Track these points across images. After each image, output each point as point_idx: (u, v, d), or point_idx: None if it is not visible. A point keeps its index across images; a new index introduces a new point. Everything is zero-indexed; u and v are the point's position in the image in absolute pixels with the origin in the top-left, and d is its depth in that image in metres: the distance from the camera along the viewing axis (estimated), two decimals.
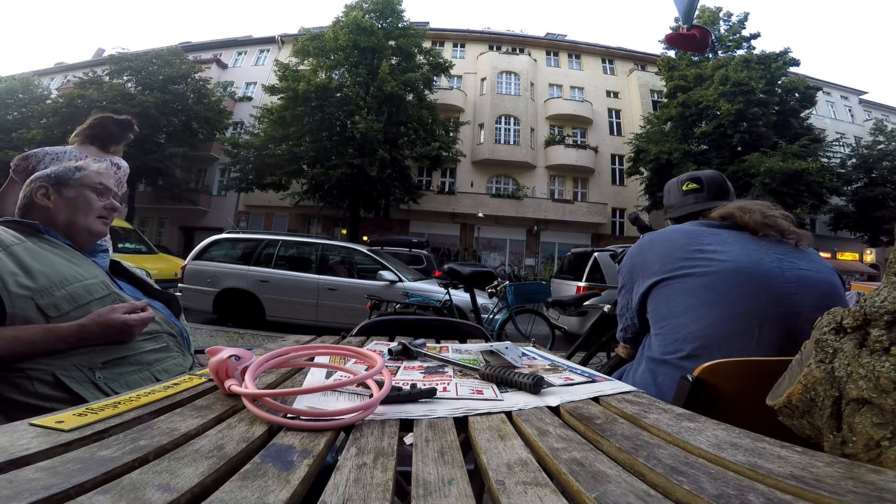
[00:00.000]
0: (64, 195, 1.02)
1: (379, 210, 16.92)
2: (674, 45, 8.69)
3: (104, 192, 1.08)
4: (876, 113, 22.00)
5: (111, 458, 0.33)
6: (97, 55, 22.61)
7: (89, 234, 1.05)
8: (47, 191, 1.02)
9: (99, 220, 1.06)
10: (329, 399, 0.53)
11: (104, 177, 1.09)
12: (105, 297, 0.93)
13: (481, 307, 4.00)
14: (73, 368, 0.82)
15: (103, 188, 1.08)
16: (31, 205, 1.02)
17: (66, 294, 0.88)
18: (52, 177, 1.03)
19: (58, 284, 0.88)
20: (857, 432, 0.50)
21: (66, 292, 0.88)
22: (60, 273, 0.91)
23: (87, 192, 1.05)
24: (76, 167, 1.06)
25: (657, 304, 0.95)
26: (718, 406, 0.72)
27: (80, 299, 0.89)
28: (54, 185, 1.02)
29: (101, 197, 1.07)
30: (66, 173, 1.05)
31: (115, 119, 1.86)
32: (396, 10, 15.50)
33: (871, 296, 0.54)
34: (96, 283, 0.95)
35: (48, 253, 0.92)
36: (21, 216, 1.02)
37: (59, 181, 1.03)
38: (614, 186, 19.88)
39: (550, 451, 0.39)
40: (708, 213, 1.04)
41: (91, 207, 1.05)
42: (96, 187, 1.06)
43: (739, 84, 14.05)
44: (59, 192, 1.02)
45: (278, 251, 5.35)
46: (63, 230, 1.02)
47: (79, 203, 1.03)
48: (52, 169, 1.05)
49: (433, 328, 1.27)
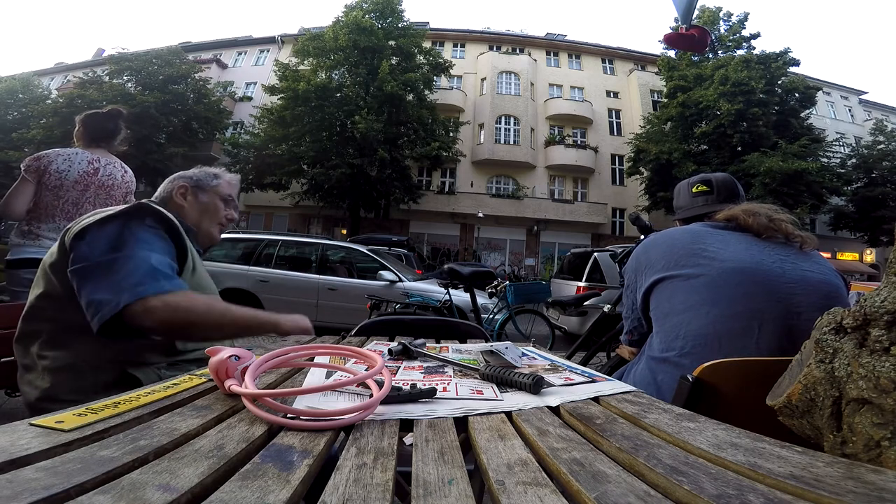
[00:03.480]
0: (199, 198, 1.09)
1: (379, 210, 16.91)
2: (673, 45, 8.68)
3: (230, 203, 1.15)
4: (876, 113, 21.99)
5: (111, 458, 0.33)
6: (97, 55, 22.63)
7: (209, 238, 1.12)
8: (186, 191, 1.09)
9: (219, 228, 1.13)
10: (329, 399, 0.53)
11: (233, 188, 1.16)
12: None
13: (481, 307, 4.00)
14: (144, 366, 0.88)
15: (230, 199, 1.15)
16: (169, 199, 1.08)
17: None
18: (194, 179, 1.10)
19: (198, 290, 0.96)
20: (857, 432, 0.50)
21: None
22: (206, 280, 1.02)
23: (218, 201, 1.12)
24: (214, 174, 1.14)
25: (659, 302, 0.95)
26: (718, 406, 0.72)
27: None
28: (193, 186, 1.10)
29: (226, 207, 1.14)
30: (206, 179, 1.12)
31: (102, 114, 1.87)
32: (396, 10, 15.51)
33: (871, 296, 0.54)
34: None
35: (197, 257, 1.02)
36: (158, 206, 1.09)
37: (198, 185, 1.10)
38: (614, 186, 19.88)
39: (550, 451, 0.39)
40: (714, 215, 1.04)
41: (217, 215, 1.12)
42: (225, 198, 1.14)
43: (739, 84, 14.06)
44: (195, 194, 1.09)
45: (278, 251, 5.34)
46: (188, 230, 1.07)
47: (209, 208, 1.10)
48: (194, 171, 1.13)
49: (433, 328, 1.27)
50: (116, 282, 0.78)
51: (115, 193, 1.88)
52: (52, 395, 0.84)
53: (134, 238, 0.84)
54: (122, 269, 0.80)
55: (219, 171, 1.16)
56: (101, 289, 0.78)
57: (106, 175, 1.84)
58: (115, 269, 0.80)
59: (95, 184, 1.81)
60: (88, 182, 1.79)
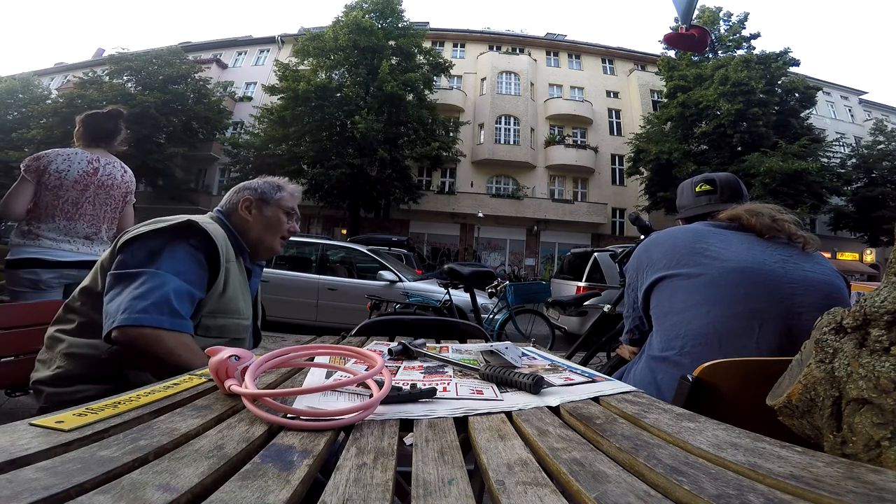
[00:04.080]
0: (263, 212, 1.09)
1: (379, 210, 16.91)
2: (673, 45, 8.69)
3: (292, 215, 1.14)
4: (876, 113, 21.99)
5: (111, 458, 0.33)
6: (97, 55, 22.63)
7: (271, 252, 1.12)
8: (251, 204, 1.09)
9: (280, 241, 1.12)
10: (329, 399, 0.53)
11: (296, 200, 1.16)
12: (240, 339, 1.02)
13: (481, 307, 4.00)
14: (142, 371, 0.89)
15: (293, 212, 1.14)
16: (234, 211, 1.09)
17: (223, 324, 0.97)
18: (258, 192, 1.10)
19: (225, 313, 0.97)
20: (857, 432, 0.50)
21: (225, 322, 0.97)
22: (236, 304, 1.00)
23: (281, 214, 1.11)
24: (278, 186, 1.13)
25: (660, 301, 0.95)
26: (718, 406, 0.72)
27: (227, 333, 0.98)
28: (258, 200, 1.09)
29: (288, 219, 1.13)
30: (270, 192, 1.11)
31: (102, 114, 1.87)
32: (396, 10, 15.51)
33: (871, 296, 0.54)
34: (246, 325, 1.04)
35: (236, 279, 1.01)
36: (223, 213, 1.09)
37: (262, 198, 1.10)
38: (614, 186, 19.88)
39: (550, 451, 0.39)
40: (716, 215, 1.04)
41: (280, 228, 1.11)
42: (288, 210, 1.13)
43: (739, 84, 14.06)
44: (259, 208, 1.09)
45: None
46: (251, 243, 1.08)
47: (272, 222, 1.10)
48: (259, 182, 1.12)
49: (433, 328, 1.27)
50: (127, 300, 0.81)
51: (115, 193, 1.88)
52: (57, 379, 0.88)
53: (172, 255, 0.87)
54: (141, 285, 0.83)
55: (282, 181, 1.15)
56: (115, 301, 0.82)
57: (105, 175, 1.84)
58: (136, 285, 0.83)
59: (95, 184, 1.81)
60: (88, 182, 1.79)
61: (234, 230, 1.06)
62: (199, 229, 0.92)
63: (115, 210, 1.89)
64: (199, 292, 0.91)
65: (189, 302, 0.88)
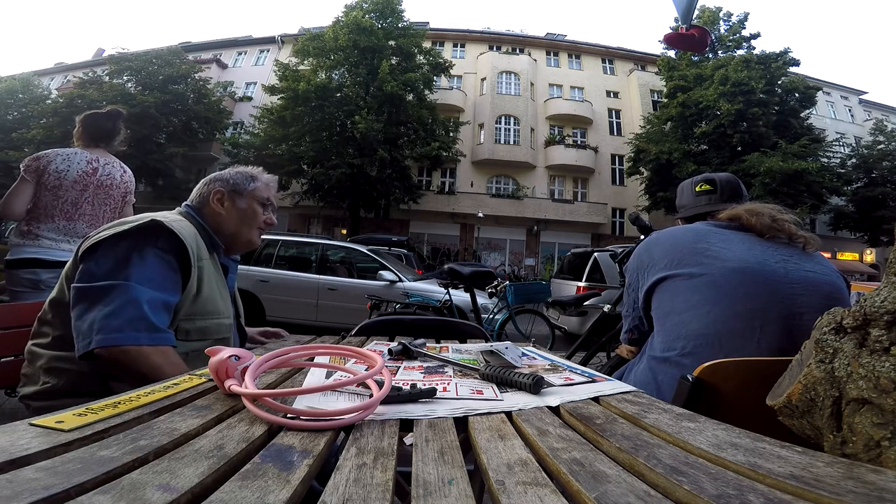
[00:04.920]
0: (237, 204, 1.05)
1: (379, 210, 16.91)
2: (673, 45, 8.69)
3: (268, 206, 1.10)
4: (876, 113, 21.99)
5: (111, 458, 0.33)
6: (97, 55, 22.62)
7: (249, 245, 1.08)
8: (223, 196, 1.04)
9: (258, 232, 1.08)
10: (329, 399, 0.53)
11: (271, 190, 1.11)
12: (224, 339, 0.98)
13: (481, 307, 4.00)
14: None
15: (268, 202, 1.10)
16: (205, 205, 1.04)
17: (203, 326, 0.93)
18: (231, 183, 1.05)
19: (202, 315, 0.93)
20: (857, 432, 0.50)
21: (205, 324, 0.94)
22: (214, 304, 0.96)
23: (256, 205, 1.07)
24: (251, 176, 1.08)
25: (661, 301, 0.95)
26: (718, 406, 0.72)
27: (209, 334, 0.95)
28: (230, 191, 1.05)
29: (264, 210, 1.09)
30: (243, 182, 1.06)
31: (102, 114, 1.87)
32: (396, 10, 15.51)
33: (871, 296, 0.54)
34: (227, 324, 1.00)
35: (212, 277, 0.96)
36: (193, 209, 1.04)
37: (235, 189, 1.05)
38: (614, 186, 19.87)
39: (550, 451, 0.39)
40: (717, 214, 1.03)
41: (256, 220, 1.07)
42: (263, 201, 1.08)
43: (739, 84, 14.06)
44: (232, 199, 1.05)
45: (278, 251, 5.34)
46: (226, 238, 1.04)
47: (247, 215, 1.06)
48: (231, 173, 1.08)
49: (433, 328, 1.27)
50: (99, 318, 0.78)
51: (114, 193, 1.88)
52: (42, 394, 0.86)
53: (141, 262, 0.83)
54: (112, 302, 0.79)
55: (256, 171, 1.10)
56: (86, 319, 0.78)
57: (105, 175, 1.84)
58: (106, 301, 0.79)
59: (94, 184, 1.81)
60: (87, 182, 1.79)
61: (207, 225, 1.01)
62: (165, 230, 0.87)
63: (114, 210, 1.89)
64: (174, 297, 0.87)
65: (165, 311, 0.84)
